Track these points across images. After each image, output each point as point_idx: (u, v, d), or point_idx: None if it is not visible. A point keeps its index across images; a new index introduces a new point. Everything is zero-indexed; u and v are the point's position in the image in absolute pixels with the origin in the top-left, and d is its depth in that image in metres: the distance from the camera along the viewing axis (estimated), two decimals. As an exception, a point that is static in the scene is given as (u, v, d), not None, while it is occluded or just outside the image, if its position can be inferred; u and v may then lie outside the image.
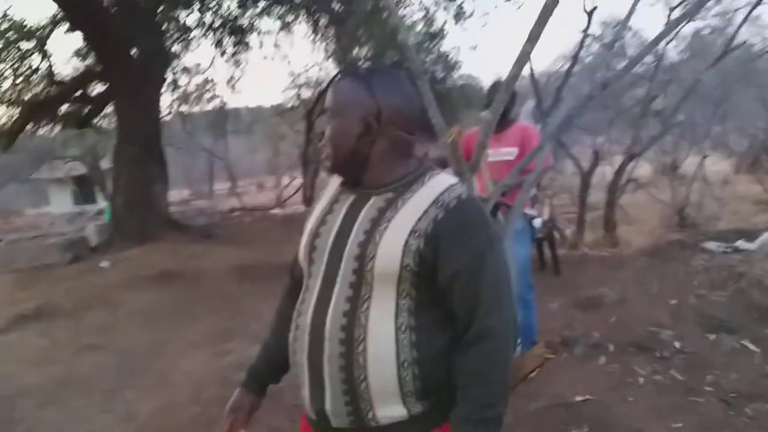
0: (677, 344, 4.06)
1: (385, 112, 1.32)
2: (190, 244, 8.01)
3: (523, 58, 1.91)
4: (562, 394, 3.44)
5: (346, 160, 1.36)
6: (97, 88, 11.56)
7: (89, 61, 11.08)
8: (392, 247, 1.26)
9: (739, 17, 7.88)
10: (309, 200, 15.35)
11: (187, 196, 34.33)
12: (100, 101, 11.36)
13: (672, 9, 7.60)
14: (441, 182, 1.33)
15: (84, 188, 27.49)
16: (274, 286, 6.41)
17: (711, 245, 6.66)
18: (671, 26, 2.28)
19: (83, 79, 10.72)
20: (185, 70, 14.82)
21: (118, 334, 5.12)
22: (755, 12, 9.50)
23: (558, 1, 1.95)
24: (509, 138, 3.65)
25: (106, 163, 19.60)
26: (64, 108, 11.81)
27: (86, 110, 11.81)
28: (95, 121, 12.52)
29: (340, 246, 1.32)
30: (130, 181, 8.59)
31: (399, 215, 1.29)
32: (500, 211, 2.64)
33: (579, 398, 3.37)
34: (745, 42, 8.90)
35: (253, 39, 12.88)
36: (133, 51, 9.88)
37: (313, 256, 1.38)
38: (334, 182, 1.48)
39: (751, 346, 3.95)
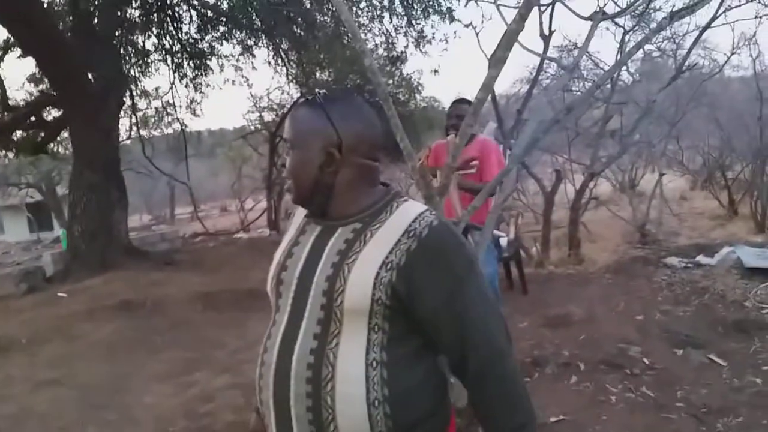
0: (646, 360, 4.09)
1: (347, 140, 1.27)
2: (152, 272, 7.79)
3: (490, 82, 1.91)
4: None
5: (309, 192, 1.31)
6: (53, 113, 11.33)
7: (43, 86, 10.84)
8: (362, 280, 1.20)
9: (688, 41, 8.19)
10: (273, 224, 15.22)
11: (148, 221, 33.78)
12: (56, 127, 11.08)
13: (625, 32, 7.82)
14: (410, 211, 1.28)
15: (40, 215, 26.68)
16: (239, 313, 6.35)
17: (673, 260, 6.80)
18: (632, 51, 2.31)
19: (37, 104, 10.46)
20: (144, 93, 14.64)
21: (77, 367, 4.90)
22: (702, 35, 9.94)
23: (523, 26, 1.95)
24: (470, 151, 3.70)
25: (62, 190, 19.12)
26: (18, 134, 11.52)
27: (41, 136, 11.50)
28: (51, 146, 12.22)
29: (307, 280, 1.27)
30: (89, 208, 8.35)
31: (368, 247, 1.24)
32: (470, 233, 2.61)
33: (553, 419, 3.36)
34: (695, 64, 9.23)
35: (213, 63, 12.77)
36: (91, 75, 9.73)
37: (280, 289, 1.34)
38: (301, 212, 1.44)
39: (719, 360, 4.01)
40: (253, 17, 9.78)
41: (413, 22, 10.28)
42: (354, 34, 1.89)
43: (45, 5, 9.13)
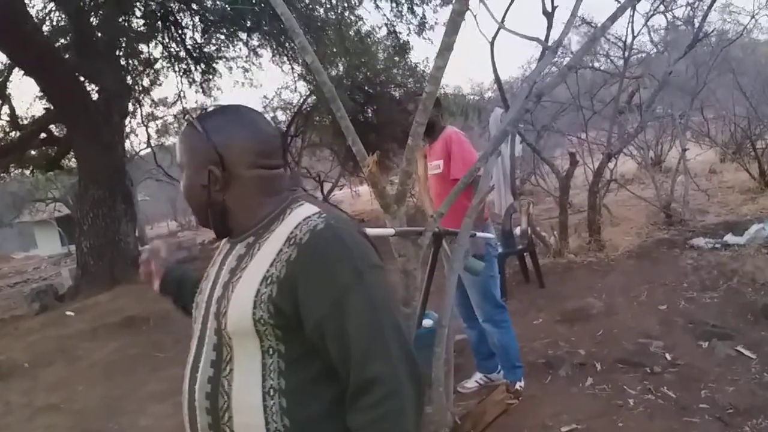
0: (668, 356, 3.79)
1: (227, 154, 1.16)
2: (161, 284, 7.66)
3: (437, 73, 1.66)
4: (545, 425, 3.15)
5: (203, 213, 1.23)
6: (64, 129, 11.33)
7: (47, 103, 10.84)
8: (242, 299, 1.09)
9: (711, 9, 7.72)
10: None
11: (175, 228, 34.16)
12: (67, 142, 11.08)
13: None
14: (298, 215, 1.15)
15: (70, 229, 27.14)
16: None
17: (699, 241, 6.42)
18: (616, 15, 2.01)
19: (44, 121, 10.43)
20: (156, 102, 14.67)
21: (77, 390, 4.77)
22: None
23: (467, 8, 1.70)
24: (437, 149, 3.46)
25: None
26: (31, 151, 11.57)
27: (54, 152, 11.53)
28: (64, 161, 12.24)
29: (209, 302, 1.19)
30: (95, 223, 8.28)
31: (253, 262, 1.13)
32: (444, 239, 2.34)
33: (565, 428, 3.09)
34: (714, 30, 8.75)
35: (220, 66, 12.68)
36: (93, 88, 9.67)
37: (195, 313, 1.26)
38: None
39: (747, 353, 3.67)
40: (257, 19, 9.60)
41: (414, 8, 10.00)
42: (293, 29, 1.65)
43: (40, 21, 9.06)
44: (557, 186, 8.29)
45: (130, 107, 11.93)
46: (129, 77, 11.01)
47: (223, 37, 11.52)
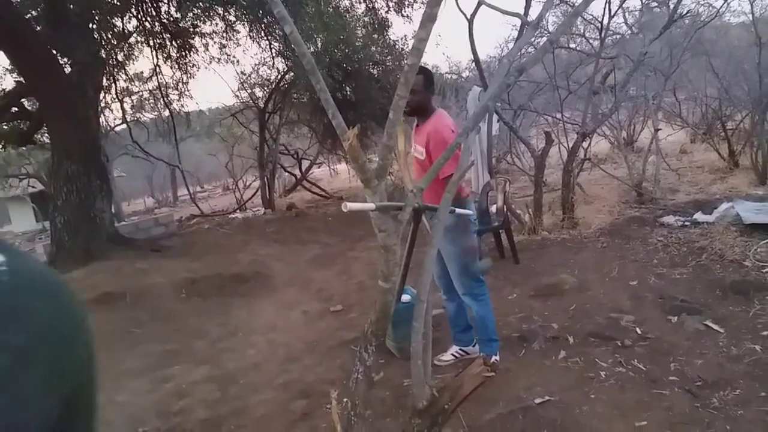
0: (639, 330, 3.90)
1: None
2: (137, 260, 7.58)
3: (419, 45, 1.66)
4: (520, 397, 3.23)
5: None
6: (36, 103, 11.04)
7: (17, 75, 10.56)
8: None
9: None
10: (268, 202, 14.98)
11: (152, 205, 33.73)
12: (39, 116, 10.81)
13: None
14: None
15: (44, 205, 26.61)
16: (223, 299, 6.14)
17: (669, 219, 6.57)
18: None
19: (15, 94, 10.14)
20: (131, 78, 14.36)
21: (53, 367, 4.74)
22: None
23: None
24: (422, 133, 3.43)
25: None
26: (3, 125, 11.24)
27: (26, 126, 11.23)
28: (37, 136, 11.94)
29: None
30: (70, 198, 8.11)
31: None
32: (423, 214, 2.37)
33: (538, 400, 3.16)
34: (688, 11, 8.83)
35: (197, 42, 12.44)
36: (66, 62, 9.43)
37: None
38: None
39: (715, 327, 3.79)
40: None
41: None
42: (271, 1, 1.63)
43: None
44: (532, 165, 8.37)
45: (105, 82, 11.66)
46: (103, 51, 10.73)
47: (199, 11, 11.27)
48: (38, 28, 8.99)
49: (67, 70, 9.28)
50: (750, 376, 3.10)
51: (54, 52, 8.69)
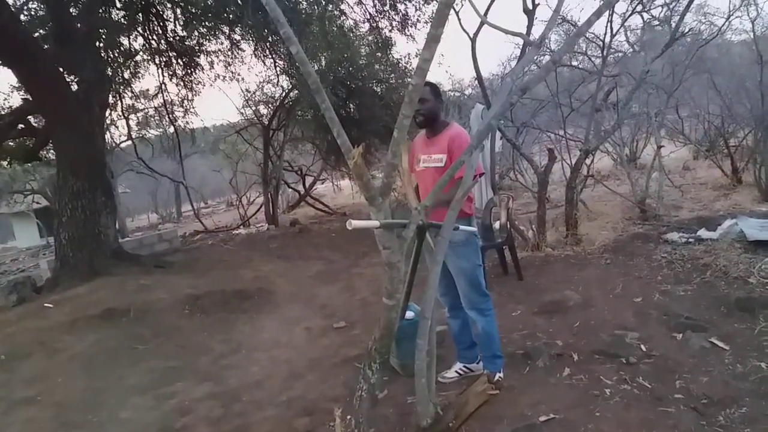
0: (644, 347, 3.88)
1: None
2: (141, 277, 7.60)
3: (423, 65, 1.68)
4: (524, 415, 3.21)
5: None
6: (42, 120, 11.13)
7: (24, 92, 10.65)
8: None
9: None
10: (272, 218, 15.00)
11: (156, 221, 33.79)
12: (45, 133, 10.89)
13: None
14: None
15: (49, 220, 26.71)
16: (226, 315, 6.15)
17: (673, 236, 6.56)
18: (601, 8, 2.06)
19: (22, 112, 10.23)
20: (137, 95, 14.46)
21: (55, 383, 4.72)
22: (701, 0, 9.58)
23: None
24: (440, 143, 3.45)
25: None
26: (9, 142, 11.33)
27: (32, 143, 11.32)
28: (42, 153, 12.02)
29: None
30: (75, 214, 8.15)
31: None
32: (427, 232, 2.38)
33: (543, 418, 3.14)
34: (690, 30, 8.89)
35: (202, 60, 12.56)
36: (73, 79, 9.52)
37: None
38: None
39: (720, 344, 3.77)
40: (239, 12, 9.50)
41: (396, 5, 9.99)
42: (277, 19, 1.65)
43: (17, 10, 8.90)
44: (535, 181, 8.39)
45: (111, 99, 11.75)
46: (109, 69, 10.84)
47: (204, 30, 11.39)
48: (46, 46, 9.08)
49: (74, 87, 9.37)
50: (756, 393, 3.08)
51: (61, 69, 8.77)
